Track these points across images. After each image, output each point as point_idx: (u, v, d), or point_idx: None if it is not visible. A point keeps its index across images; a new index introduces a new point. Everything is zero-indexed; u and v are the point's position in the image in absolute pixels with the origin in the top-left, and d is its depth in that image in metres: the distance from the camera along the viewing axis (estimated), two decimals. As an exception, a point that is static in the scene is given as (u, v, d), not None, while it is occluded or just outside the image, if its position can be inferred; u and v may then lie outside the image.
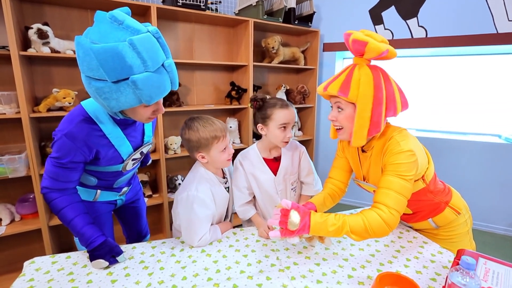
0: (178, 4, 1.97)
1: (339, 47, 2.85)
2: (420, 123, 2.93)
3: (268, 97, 1.23)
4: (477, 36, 2.32)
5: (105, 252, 0.93)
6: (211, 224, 1.13)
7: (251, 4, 2.35)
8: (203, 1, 2.06)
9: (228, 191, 1.21)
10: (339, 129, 1.00)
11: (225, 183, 1.21)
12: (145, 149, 1.15)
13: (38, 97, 1.85)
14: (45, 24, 1.67)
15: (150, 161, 1.59)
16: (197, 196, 1.04)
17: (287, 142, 1.21)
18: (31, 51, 1.64)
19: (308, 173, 1.34)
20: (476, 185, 2.54)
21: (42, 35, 1.62)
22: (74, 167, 0.94)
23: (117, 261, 0.96)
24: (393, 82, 0.96)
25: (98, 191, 1.15)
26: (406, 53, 2.73)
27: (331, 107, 1.01)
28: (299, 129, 3.08)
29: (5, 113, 1.62)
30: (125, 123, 1.01)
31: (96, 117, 0.93)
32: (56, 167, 0.92)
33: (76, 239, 1.10)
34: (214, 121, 1.10)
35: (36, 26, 1.63)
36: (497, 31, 2.27)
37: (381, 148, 0.98)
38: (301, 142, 3.17)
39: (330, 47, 2.92)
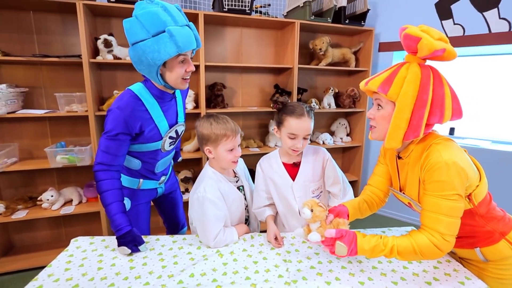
0: (224, 9, 2.05)
1: (398, 46, 2.59)
2: (502, 134, 2.47)
3: (289, 101, 1.20)
4: None
5: (128, 241, 1.03)
6: (228, 226, 1.16)
7: (298, 6, 2.30)
8: (248, 6, 2.10)
9: (241, 191, 1.22)
10: (374, 127, 0.92)
11: (236, 181, 1.23)
12: (179, 129, 1.28)
13: (104, 97, 2.15)
14: (110, 34, 1.92)
15: (180, 159, 1.71)
16: (206, 197, 1.07)
17: (296, 151, 1.17)
18: (98, 59, 1.91)
19: (334, 183, 1.25)
20: None
21: (107, 44, 1.88)
22: (123, 139, 1.09)
23: (139, 250, 1.06)
24: (446, 85, 0.84)
25: (141, 180, 1.30)
26: (482, 51, 2.32)
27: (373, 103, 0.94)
28: (347, 135, 2.90)
29: (77, 111, 1.92)
30: (163, 99, 1.18)
31: (140, 94, 1.12)
32: (107, 140, 1.07)
33: None
34: (229, 121, 1.14)
35: (103, 36, 1.89)
36: None
37: (419, 155, 0.87)
38: (349, 149, 2.99)
39: (387, 46, 2.67)
